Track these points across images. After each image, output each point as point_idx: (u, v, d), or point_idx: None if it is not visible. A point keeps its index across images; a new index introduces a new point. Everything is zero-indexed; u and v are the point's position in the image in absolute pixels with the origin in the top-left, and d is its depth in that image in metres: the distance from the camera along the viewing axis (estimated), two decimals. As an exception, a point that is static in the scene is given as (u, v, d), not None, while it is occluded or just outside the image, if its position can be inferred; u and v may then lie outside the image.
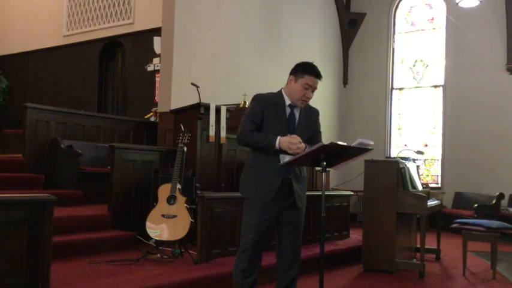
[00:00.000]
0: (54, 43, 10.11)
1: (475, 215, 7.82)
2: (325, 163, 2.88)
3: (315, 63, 3.11)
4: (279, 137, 2.93)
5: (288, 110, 3.13)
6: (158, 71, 7.93)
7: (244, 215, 3.14)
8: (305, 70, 3.07)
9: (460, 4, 8.53)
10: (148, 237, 4.75)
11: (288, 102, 3.12)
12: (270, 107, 3.08)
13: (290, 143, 2.88)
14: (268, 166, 3.03)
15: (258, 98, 3.14)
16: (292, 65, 3.16)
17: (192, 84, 5.70)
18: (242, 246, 3.10)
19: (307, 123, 3.16)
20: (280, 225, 3.14)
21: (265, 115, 3.06)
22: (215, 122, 5.70)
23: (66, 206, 5.30)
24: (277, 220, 3.13)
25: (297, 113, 3.14)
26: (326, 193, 3.10)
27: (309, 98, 3.10)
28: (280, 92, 3.17)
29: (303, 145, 2.89)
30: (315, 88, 3.10)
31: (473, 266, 5.58)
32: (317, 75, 3.06)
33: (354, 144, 2.95)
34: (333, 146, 2.82)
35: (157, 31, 7.67)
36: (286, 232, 3.13)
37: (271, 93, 3.18)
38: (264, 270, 3.33)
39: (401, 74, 10.70)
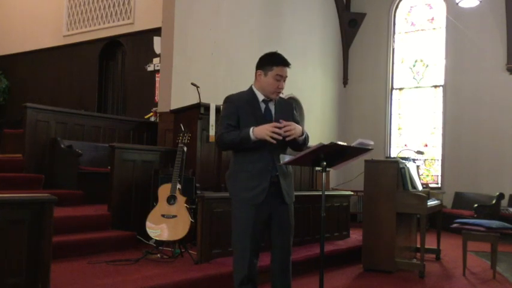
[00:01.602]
0: (54, 43, 10.10)
1: (475, 215, 7.82)
2: (325, 163, 2.88)
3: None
4: (252, 127, 2.87)
5: (263, 106, 3.06)
6: (158, 71, 7.93)
7: (235, 221, 3.02)
8: (272, 62, 3.00)
9: (460, 4, 8.53)
10: (148, 237, 4.75)
11: (261, 97, 3.06)
12: (244, 106, 3.01)
13: (270, 130, 2.80)
14: (254, 167, 2.95)
15: (230, 99, 3.05)
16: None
17: (192, 84, 5.70)
18: (240, 252, 2.99)
19: (284, 116, 3.07)
20: (271, 226, 3.05)
21: (240, 115, 2.99)
22: (215, 122, 5.70)
23: (66, 206, 5.30)
24: (269, 221, 3.04)
25: (272, 108, 3.08)
26: (326, 193, 3.10)
27: (282, 88, 3.04)
28: (250, 89, 3.10)
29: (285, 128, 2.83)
30: (286, 77, 3.03)
31: (473, 266, 5.58)
32: (285, 63, 3.00)
33: (354, 144, 2.95)
34: (333, 146, 2.82)
35: (157, 31, 7.67)
36: (276, 234, 3.04)
37: (242, 92, 3.12)
38: (264, 270, 3.32)
39: (401, 74, 10.70)
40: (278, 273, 3.07)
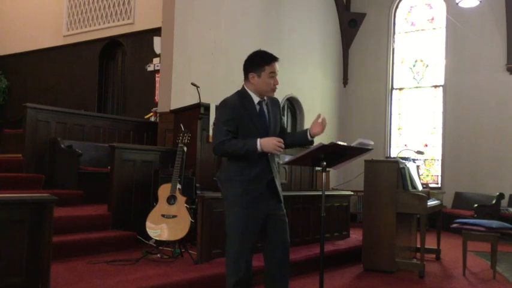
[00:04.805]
0: (54, 43, 10.10)
1: (475, 215, 7.83)
2: (325, 163, 2.88)
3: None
4: (258, 140, 2.85)
5: (258, 107, 3.02)
6: (158, 71, 7.93)
7: (230, 224, 2.97)
8: (263, 62, 2.96)
9: (460, 4, 8.54)
10: (148, 237, 4.75)
11: (256, 100, 3.01)
12: (241, 109, 2.96)
13: (277, 144, 2.82)
14: (251, 172, 2.94)
15: (226, 103, 2.98)
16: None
17: (192, 84, 5.70)
18: (234, 256, 2.94)
19: (275, 117, 3.08)
20: (268, 226, 3.01)
21: (239, 120, 2.94)
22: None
23: (66, 206, 5.30)
24: (266, 221, 3.01)
25: (265, 108, 3.05)
26: (326, 193, 3.10)
27: (277, 84, 3.01)
28: (244, 91, 3.03)
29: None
30: (277, 71, 3.01)
31: (473, 266, 5.58)
32: (275, 59, 2.98)
33: (354, 144, 2.96)
34: (333, 146, 2.82)
35: (157, 31, 7.67)
36: (274, 233, 3.00)
37: (236, 95, 3.04)
38: (262, 271, 3.31)
39: (401, 74, 10.71)
40: (275, 272, 3.02)
